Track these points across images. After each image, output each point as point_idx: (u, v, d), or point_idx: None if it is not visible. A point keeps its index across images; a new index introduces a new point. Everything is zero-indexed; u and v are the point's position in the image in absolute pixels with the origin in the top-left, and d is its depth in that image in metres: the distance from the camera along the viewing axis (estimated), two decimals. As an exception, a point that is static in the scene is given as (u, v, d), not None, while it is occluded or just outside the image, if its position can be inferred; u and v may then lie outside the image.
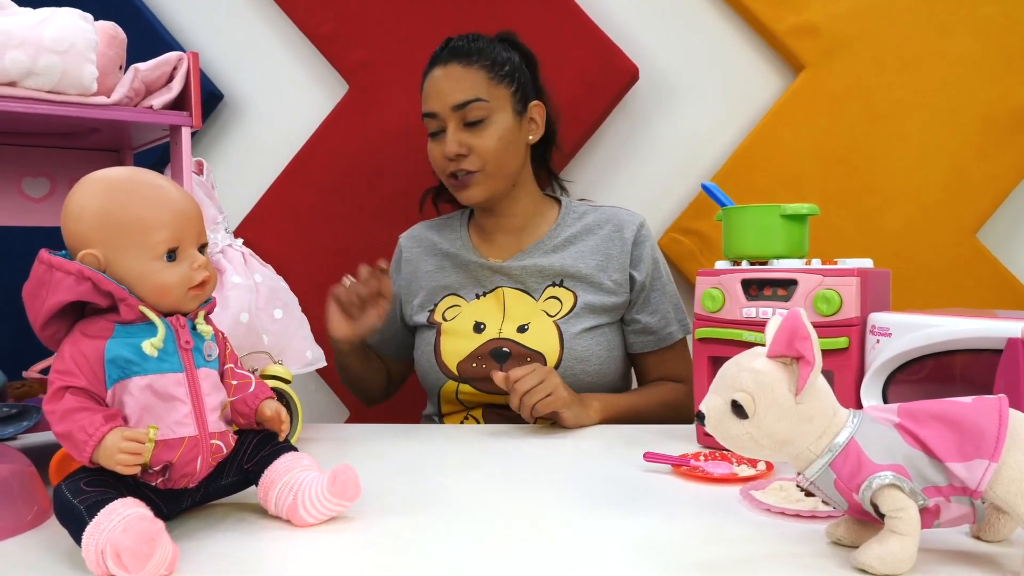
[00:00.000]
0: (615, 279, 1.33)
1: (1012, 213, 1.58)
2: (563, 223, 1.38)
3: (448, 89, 1.29)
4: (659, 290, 1.35)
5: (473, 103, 1.28)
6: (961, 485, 0.61)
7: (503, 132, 1.30)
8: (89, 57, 0.91)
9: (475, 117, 1.28)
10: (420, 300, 1.41)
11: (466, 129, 1.29)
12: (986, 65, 1.53)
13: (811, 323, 0.62)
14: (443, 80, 1.30)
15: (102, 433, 0.67)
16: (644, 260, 1.34)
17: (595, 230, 1.36)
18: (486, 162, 1.30)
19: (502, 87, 1.31)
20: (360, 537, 0.73)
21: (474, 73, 1.29)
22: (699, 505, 0.80)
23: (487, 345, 1.30)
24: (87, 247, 0.72)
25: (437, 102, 1.30)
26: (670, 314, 1.36)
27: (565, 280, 1.33)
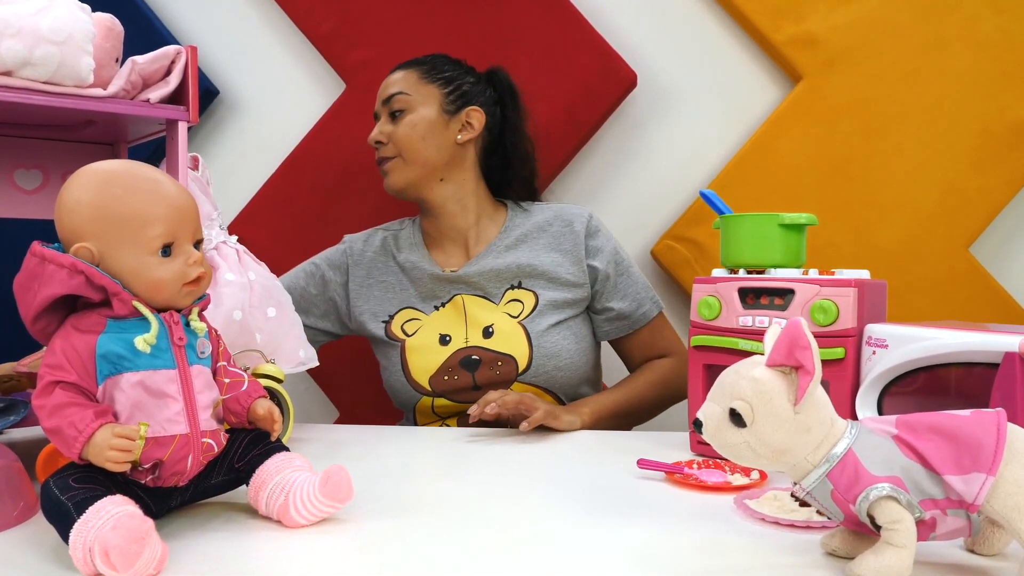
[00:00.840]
0: (573, 272, 1.34)
1: (1005, 228, 1.59)
2: (512, 224, 1.40)
3: (384, 88, 1.40)
4: (624, 274, 1.37)
5: (396, 96, 1.37)
6: (958, 498, 0.61)
7: (420, 122, 1.36)
8: (86, 48, 0.90)
9: (397, 107, 1.37)
10: (372, 307, 1.40)
11: (390, 120, 1.38)
12: (983, 80, 1.54)
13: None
14: (387, 83, 1.41)
15: (92, 429, 0.66)
16: (601, 249, 1.36)
17: (545, 227, 1.38)
18: (400, 148, 1.36)
19: (432, 86, 1.38)
20: (352, 539, 0.72)
21: (407, 73, 1.39)
22: (693, 514, 0.80)
23: (456, 355, 1.30)
24: (81, 240, 0.71)
25: (377, 101, 1.41)
26: (641, 294, 1.37)
27: (523, 281, 1.34)
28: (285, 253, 1.60)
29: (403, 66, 1.41)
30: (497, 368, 1.28)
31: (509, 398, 1.13)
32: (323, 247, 1.64)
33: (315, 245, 1.64)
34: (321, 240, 1.64)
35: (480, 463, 1.01)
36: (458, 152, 1.38)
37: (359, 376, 1.64)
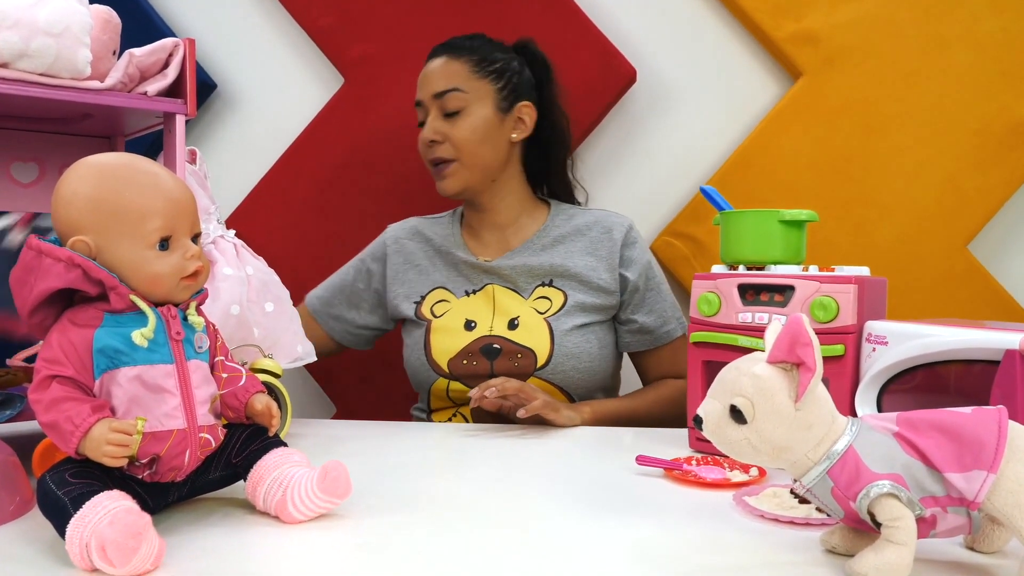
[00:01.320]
0: (605, 279, 1.33)
1: (1003, 226, 1.58)
2: (552, 224, 1.39)
3: (433, 78, 1.34)
4: (654, 290, 1.36)
5: (451, 92, 1.32)
6: (959, 496, 0.61)
7: (478, 124, 1.32)
8: (84, 40, 0.90)
9: (452, 107, 1.32)
10: (406, 290, 1.40)
11: (445, 119, 1.33)
12: (983, 80, 1.53)
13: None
14: (431, 71, 1.35)
15: (89, 424, 0.65)
16: (636, 261, 1.35)
17: (584, 231, 1.37)
18: (460, 151, 1.32)
19: (485, 81, 1.34)
20: (350, 535, 0.72)
21: (458, 65, 1.33)
22: (692, 510, 0.79)
23: (478, 342, 1.30)
24: (78, 233, 0.70)
25: (422, 90, 1.35)
26: (667, 312, 1.36)
27: (555, 280, 1.33)
28: (283, 248, 1.60)
29: (449, 52, 1.35)
30: (516, 360, 1.27)
31: (510, 384, 1.13)
32: (321, 242, 1.64)
33: (313, 240, 1.64)
34: (319, 235, 1.64)
35: (479, 459, 1.00)
36: (510, 150, 1.38)
37: (357, 372, 1.64)
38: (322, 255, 1.62)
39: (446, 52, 1.35)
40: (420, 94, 1.35)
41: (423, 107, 1.35)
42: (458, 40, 1.37)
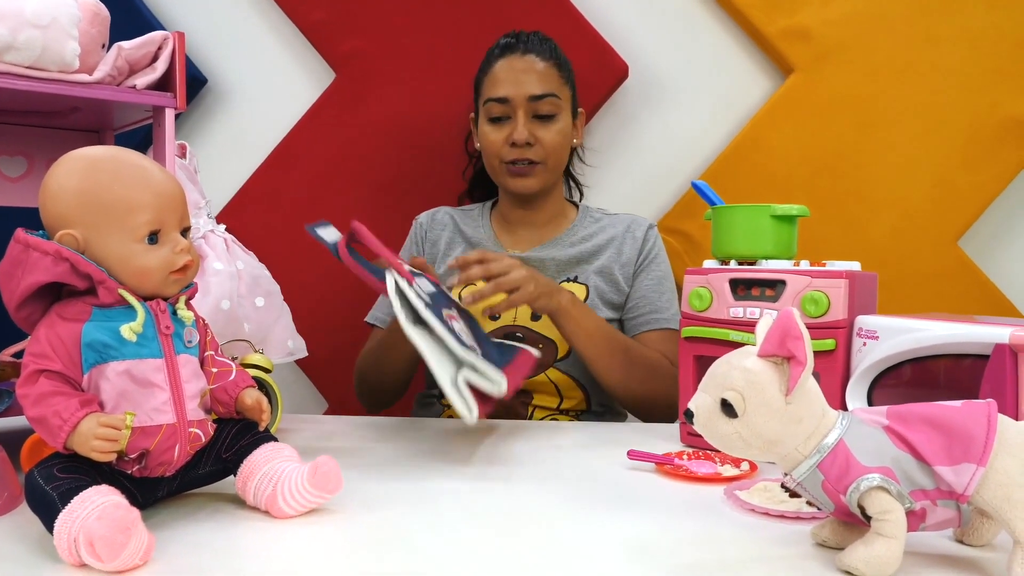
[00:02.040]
0: (625, 273, 1.35)
1: (993, 222, 1.59)
2: (581, 224, 1.41)
3: (527, 79, 1.31)
4: (646, 273, 1.36)
5: (549, 97, 1.32)
6: (948, 489, 0.61)
7: (565, 130, 1.35)
8: (71, 33, 0.89)
9: (546, 111, 1.32)
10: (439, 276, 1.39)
11: (534, 121, 1.32)
12: (974, 76, 1.54)
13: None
14: (521, 70, 1.32)
15: (77, 418, 0.65)
16: (646, 253, 1.37)
17: (610, 231, 1.39)
18: (548, 156, 1.33)
19: (567, 88, 1.36)
20: (340, 530, 0.72)
21: (549, 68, 1.33)
22: (683, 505, 0.80)
23: (500, 330, 1.31)
24: (66, 227, 0.70)
25: (513, 88, 1.31)
26: (662, 304, 1.34)
27: (579, 275, 1.35)
28: (274, 243, 1.59)
29: (537, 52, 1.34)
30: (537, 349, 1.25)
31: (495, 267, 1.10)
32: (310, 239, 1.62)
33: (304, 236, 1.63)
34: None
35: (469, 453, 1.00)
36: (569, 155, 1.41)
37: (349, 367, 1.63)
38: (313, 251, 1.61)
39: (534, 52, 1.34)
40: (509, 91, 1.32)
41: (510, 105, 1.32)
42: (536, 39, 1.36)
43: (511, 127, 1.32)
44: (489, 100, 1.33)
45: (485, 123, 1.35)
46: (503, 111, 1.33)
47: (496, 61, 1.35)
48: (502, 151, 1.33)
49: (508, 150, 1.33)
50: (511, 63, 1.33)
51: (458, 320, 0.99)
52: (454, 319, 0.98)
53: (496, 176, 1.38)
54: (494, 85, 1.33)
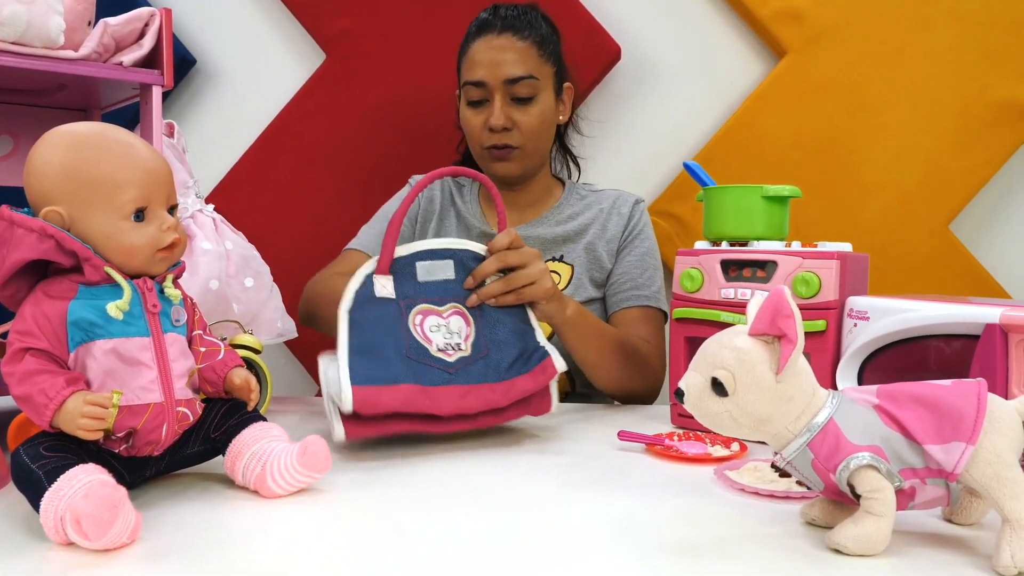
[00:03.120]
0: (609, 249, 1.33)
1: (985, 206, 1.59)
2: (566, 202, 1.39)
3: (502, 61, 1.27)
4: (630, 249, 1.33)
5: (525, 80, 1.26)
6: (937, 467, 0.61)
7: (545, 112, 1.30)
8: (56, 8, 0.88)
9: (524, 94, 1.27)
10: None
11: (512, 104, 1.28)
12: (966, 59, 1.53)
13: (792, 303, 0.62)
14: (497, 50, 1.27)
15: (63, 397, 0.64)
16: (630, 229, 1.35)
17: (596, 208, 1.37)
18: (526, 140, 1.29)
19: (547, 65, 1.31)
20: (329, 509, 0.72)
21: (527, 48, 1.28)
22: (674, 485, 0.80)
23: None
24: (51, 204, 0.69)
25: (488, 72, 1.27)
26: (639, 278, 1.31)
27: (565, 255, 1.33)
28: (264, 224, 1.58)
29: (513, 30, 1.28)
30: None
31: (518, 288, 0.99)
32: (302, 219, 1.62)
33: (294, 217, 1.62)
34: (300, 212, 1.62)
35: (459, 435, 1.00)
36: (555, 133, 1.38)
37: (339, 350, 1.63)
38: (302, 232, 1.61)
39: (510, 30, 1.28)
40: (485, 75, 1.27)
41: (486, 88, 1.27)
42: (514, 14, 1.31)
43: (489, 111, 1.28)
44: (467, 83, 1.30)
45: (465, 106, 1.32)
46: (481, 95, 1.29)
47: (473, 41, 1.31)
48: (481, 136, 1.30)
49: (487, 135, 1.29)
50: (488, 43, 1.28)
51: (442, 317, 0.94)
52: (435, 314, 0.93)
53: (478, 159, 1.35)
54: (471, 68, 1.29)
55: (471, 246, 0.98)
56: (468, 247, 0.98)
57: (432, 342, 0.92)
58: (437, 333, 0.92)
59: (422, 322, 0.93)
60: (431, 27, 1.59)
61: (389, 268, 0.93)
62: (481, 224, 1.37)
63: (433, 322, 0.93)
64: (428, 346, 0.91)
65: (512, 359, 0.95)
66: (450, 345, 0.93)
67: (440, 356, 0.91)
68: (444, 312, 0.94)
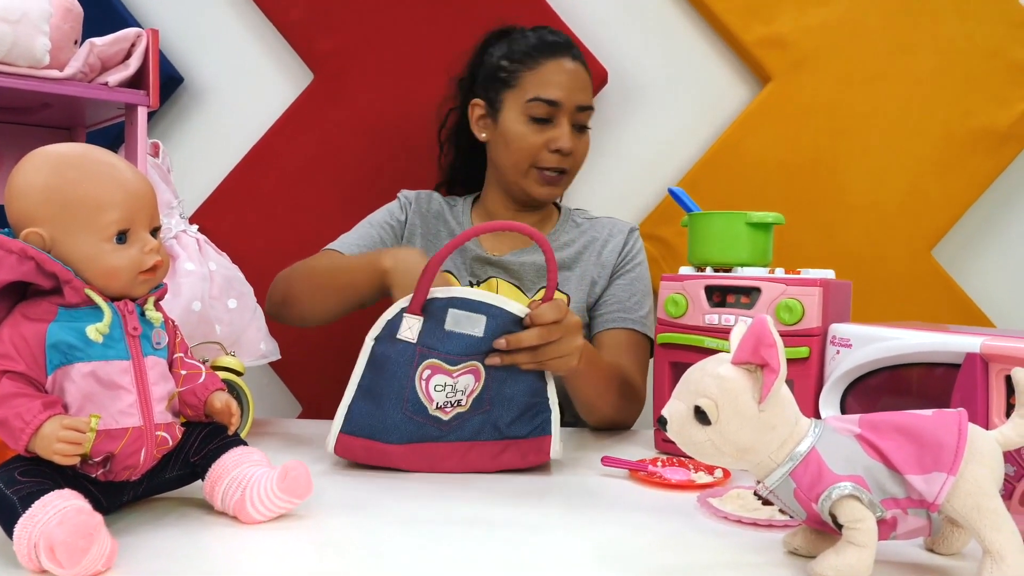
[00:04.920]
0: (603, 276, 1.33)
1: (966, 231, 1.61)
2: (562, 229, 1.38)
3: (578, 87, 1.29)
4: (622, 275, 1.33)
5: (589, 110, 1.31)
6: (919, 498, 0.61)
7: (589, 143, 1.34)
8: (42, 28, 0.87)
9: (583, 122, 1.30)
10: None
11: (573, 130, 1.29)
12: (948, 85, 1.55)
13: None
14: (572, 75, 1.29)
15: (40, 421, 0.64)
16: (623, 255, 1.35)
17: (591, 236, 1.37)
18: (575, 167, 1.32)
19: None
20: (310, 536, 0.71)
21: (589, 80, 1.32)
22: (657, 511, 0.79)
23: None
24: (32, 225, 0.69)
25: (565, 94, 1.27)
26: (627, 301, 1.30)
27: (560, 284, 1.31)
28: (249, 246, 1.57)
29: (582, 63, 1.32)
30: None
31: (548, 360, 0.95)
32: (287, 239, 1.61)
33: (279, 238, 1.62)
34: (285, 233, 1.61)
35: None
36: None
37: (324, 370, 1.62)
38: (288, 253, 1.59)
39: (579, 59, 1.32)
40: (561, 96, 1.26)
41: (558, 109, 1.26)
42: (575, 44, 1.35)
43: (552, 132, 1.26)
44: (537, 99, 1.26)
45: (522, 121, 1.27)
46: (548, 113, 1.26)
47: (545, 59, 1.29)
48: (540, 155, 1.27)
49: (547, 155, 1.27)
50: (563, 66, 1.28)
51: (451, 377, 0.91)
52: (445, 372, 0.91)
53: (518, 176, 1.30)
54: (543, 85, 1.26)
55: (509, 306, 0.92)
56: (506, 307, 0.92)
57: (433, 401, 0.91)
58: (440, 392, 0.91)
59: (429, 378, 0.91)
60: (419, 49, 1.59)
61: (422, 308, 0.91)
62: (475, 247, 1.36)
63: (440, 381, 0.91)
64: (428, 404, 0.91)
65: (514, 416, 0.93)
66: (450, 403, 0.92)
67: (436, 415, 0.92)
68: (455, 372, 0.92)
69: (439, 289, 0.92)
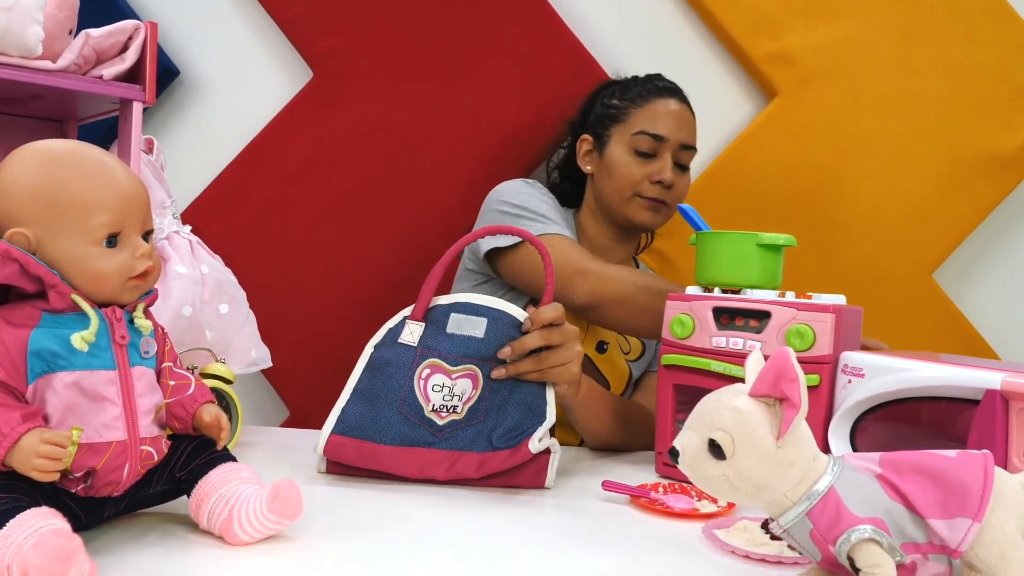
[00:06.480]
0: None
1: (968, 255, 1.60)
2: None
3: (684, 126, 1.35)
4: None
5: (692, 150, 1.37)
6: (941, 543, 0.58)
7: (689, 184, 1.39)
8: (36, 17, 0.84)
9: (685, 161, 1.36)
10: None
11: (674, 167, 1.34)
12: (953, 108, 1.54)
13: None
14: (680, 115, 1.36)
15: (18, 433, 0.60)
16: None
17: None
18: (674, 203, 1.33)
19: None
20: (299, 559, 0.68)
21: (694, 125, 1.39)
22: (660, 541, 0.77)
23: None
24: (17, 225, 0.65)
25: (672, 130, 1.34)
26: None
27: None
28: (239, 245, 1.54)
29: (687, 103, 1.39)
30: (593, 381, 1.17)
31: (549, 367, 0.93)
32: (281, 239, 1.58)
33: (274, 239, 1.58)
34: (280, 234, 1.58)
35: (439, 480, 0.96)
36: None
37: (314, 375, 1.59)
38: (281, 253, 1.57)
39: (687, 104, 1.39)
40: (667, 132, 1.33)
41: (664, 143, 1.33)
42: (681, 90, 1.41)
43: (655, 165, 1.32)
44: (643, 133, 1.33)
45: (628, 153, 1.33)
46: (653, 147, 1.32)
47: (655, 98, 1.36)
48: (642, 185, 1.32)
49: (649, 186, 1.32)
50: (671, 106, 1.36)
51: (450, 378, 0.91)
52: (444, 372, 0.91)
53: (622, 204, 1.34)
54: (652, 120, 1.34)
55: (509, 309, 0.94)
56: (506, 309, 0.94)
57: (430, 401, 0.91)
58: (438, 393, 0.92)
59: (428, 376, 0.92)
60: (420, 51, 1.57)
61: (424, 315, 0.93)
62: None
63: (439, 380, 0.92)
64: (424, 405, 0.92)
65: (507, 429, 0.92)
66: (446, 407, 0.92)
67: (431, 417, 0.91)
68: (454, 373, 0.92)
69: (442, 297, 0.94)
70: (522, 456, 0.91)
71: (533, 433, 0.91)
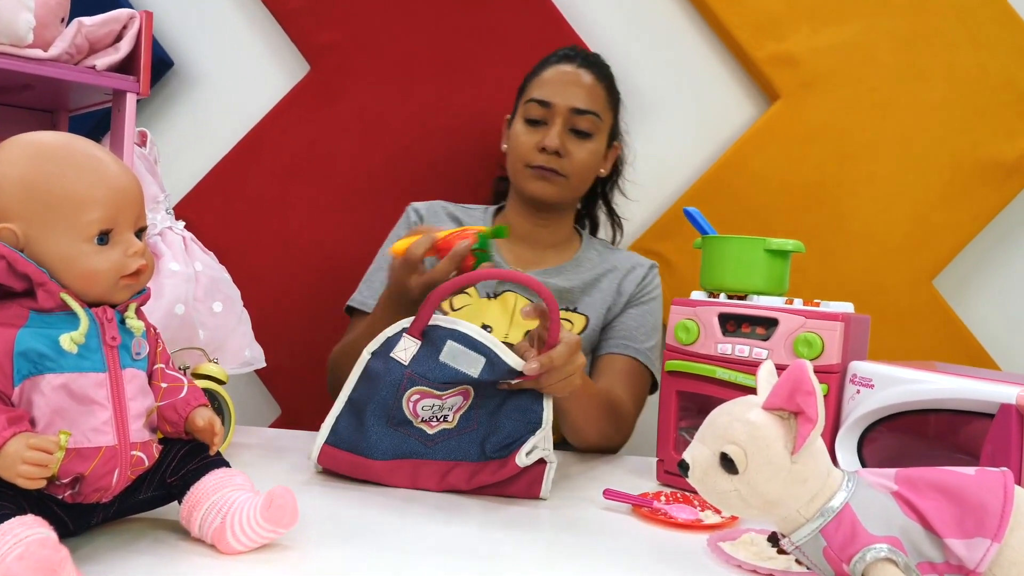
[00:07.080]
0: (619, 304, 1.31)
1: (969, 262, 1.58)
2: (584, 255, 1.37)
3: (574, 91, 1.29)
4: (635, 306, 1.31)
5: (589, 114, 1.28)
6: (958, 563, 0.57)
7: (596, 153, 1.31)
8: (26, 3, 0.81)
9: (584, 127, 1.28)
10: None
11: (570, 134, 1.28)
12: (957, 114, 1.53)
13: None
14: (572, 79, 1.29)
15: (3, 438, 0.58)
16: (641, 289, 1.34)
17: (612, 267, 1.35)
18: (574, 172, 1.29)
19: (608, 113, 1.33)
20: (294, 569, 0.66)
21: (598, 88, 1.31)
22: (663, 554, 0.75)
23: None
24: (5, 221, 0.63)
25: (559, 95, 1.28)
26: (635, 331, 1.28)
27: (580, 306, 1.30)
28: (236, 241, 1.51)
29: (593, 69, 1.32)
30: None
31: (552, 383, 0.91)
32: (276, 236, 1.55)
33: (269, 234, 1.56)
34: (275, 229, 1.55)
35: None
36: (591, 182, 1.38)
37: (307, 375, 1.56)
38: (275, 249, 1.54)
39: (590, 68, 1.32)
40: (553, 96, 1.28)
41: (550, 110, 1.27)
42: (594, 57, 1.35)
43: (544, 132, 1.27)
44: (531, 100, 1.29)
45: (520, 122, 1.30)
46: (542, 115, 1.28)
47: (549, 66, 1.32)
48: (529, 154, 1.28)
49: (536, 155, 1.28)
50: (563, 70, 1.30)
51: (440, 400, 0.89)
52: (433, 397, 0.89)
53: (516, 178, 1.32)
54: (540, 87, 1.30)
55: (509, 359, 0.87)
56: (509, 361, 0.87)
57: (418, 416, 0.90)
58: (427, 411, 0.90)
59: (417, 401, 0.89)
60: (420, 46, 1.54)
61: (421, 333, 0.89)
62: (497, 255, 1.31)
63: (427, 403, 0.89)
64: (413, 419, 0.90)
65: (502, 438, 0.90)
66: (435, 417, 0.90)
67: (421, 427, 0.90)
68: (444, 395, 0.90)
69: (445, 319, 0.90)
70: (510, 470, 0.89)
71: (522, 446, 0.89)
